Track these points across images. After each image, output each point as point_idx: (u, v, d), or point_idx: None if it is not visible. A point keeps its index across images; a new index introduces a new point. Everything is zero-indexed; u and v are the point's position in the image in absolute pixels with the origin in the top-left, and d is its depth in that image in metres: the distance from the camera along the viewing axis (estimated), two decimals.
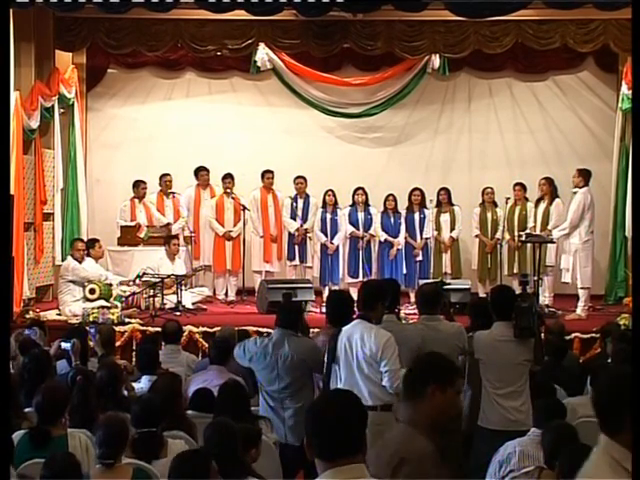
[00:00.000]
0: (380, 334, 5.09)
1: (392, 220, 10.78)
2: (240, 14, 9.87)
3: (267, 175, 11.04)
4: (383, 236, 10.74)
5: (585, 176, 9.83)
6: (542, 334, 5.99)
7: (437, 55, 11.41)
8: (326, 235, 10.75)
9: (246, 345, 5.63)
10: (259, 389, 5.65)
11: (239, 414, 4.57)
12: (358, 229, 10.69)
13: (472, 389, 5.78)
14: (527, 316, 5.44)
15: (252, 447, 4.19)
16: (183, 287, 10.02)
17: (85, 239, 10.64)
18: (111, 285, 9.88)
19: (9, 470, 3.67)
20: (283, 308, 6.05)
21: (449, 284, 8.81)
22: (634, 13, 5.29)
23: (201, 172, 11.31)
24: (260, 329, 8.40)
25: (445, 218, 10.93)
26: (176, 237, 10.74)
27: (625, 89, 10.61)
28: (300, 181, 10.93)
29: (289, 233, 10.98)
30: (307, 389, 5.50)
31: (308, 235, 10.88)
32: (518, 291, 6.14)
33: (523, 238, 9.96)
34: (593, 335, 8.46)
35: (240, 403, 4.86)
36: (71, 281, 9.70)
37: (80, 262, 9.80)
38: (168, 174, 11.25)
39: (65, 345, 6.14)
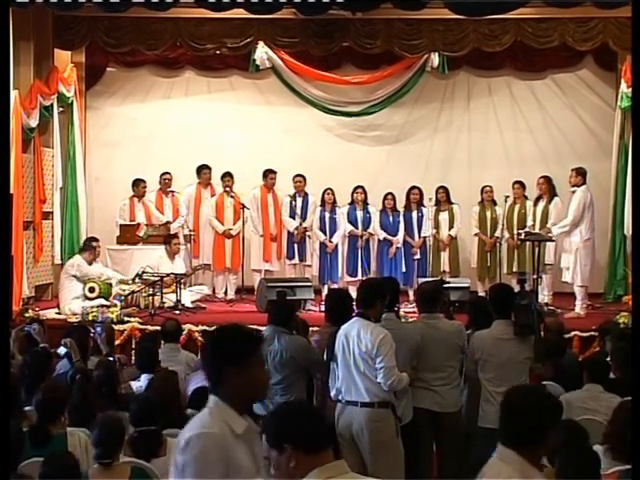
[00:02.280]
0: (376, 331, 5.08)
1: (391, 219, 10.77)
2: (239, 13, 9.87)
3: (270, 175, 10.97)
4: (382, 235, 10.74)
5: (583, 174, 9.85)
6: (542, 332, 6.00)
7: (436, 53, 11.41)
8: (325, 234, 10.73)
9: None
10: None
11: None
12: (357, 228, 10.68)
13: (470, 388, 5.77)
14: (526, 313, 5.46)
15: None
16: (182, 286, 10.02)
17: (83, 238, 10.65)
18: (111, 284, 9.89)
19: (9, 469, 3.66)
20: (276, 306, 6.11)
21: (449, 283, 8.79)
22: (634, 11, 5.30)
23: (203, 170, 11.27)
24: (259, 328, 8.35)
25: (444, 217, 10.90)
26: (176, 236, 10.73)
27: (624, 87, 10.61)
28: (299, 179, 10.90)
29: (288, 232, 10.97)
30: (297, 386, 5.50)
31: (307, 234, 10.87)
32: (517, 289, 6.14)
33: (522, 236, 9.95)
34: (592, 333, 8.46)
35: None
36: (74, 276, 9.71)
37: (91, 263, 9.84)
38: (168, 173, 11.23)
39: (61, 350, 6.07)
